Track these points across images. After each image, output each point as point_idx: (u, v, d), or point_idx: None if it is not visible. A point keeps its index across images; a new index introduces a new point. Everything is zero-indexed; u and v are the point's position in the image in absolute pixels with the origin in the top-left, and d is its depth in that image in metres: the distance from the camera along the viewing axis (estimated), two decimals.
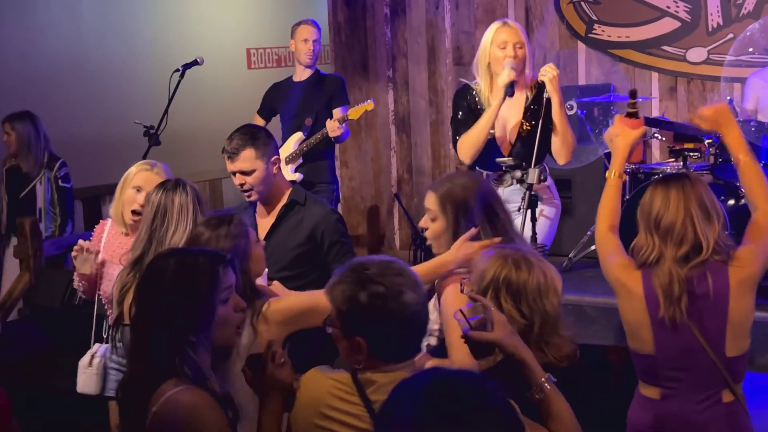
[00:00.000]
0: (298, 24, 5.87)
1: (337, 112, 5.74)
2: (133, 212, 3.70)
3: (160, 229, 3.07)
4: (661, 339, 2.76)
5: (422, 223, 3.07)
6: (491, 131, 4.33)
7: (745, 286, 2.78)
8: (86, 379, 3.76)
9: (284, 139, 5.83)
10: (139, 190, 3.69)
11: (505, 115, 4.33)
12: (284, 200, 3.80)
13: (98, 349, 3.79)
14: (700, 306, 2.72)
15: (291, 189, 3.84)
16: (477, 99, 4.37)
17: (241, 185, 3.72)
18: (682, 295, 2.71)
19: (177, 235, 3.05)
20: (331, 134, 5.55)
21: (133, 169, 3.76)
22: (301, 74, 5.87)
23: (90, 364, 3.77)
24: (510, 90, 4.21)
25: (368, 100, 5.60)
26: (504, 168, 4.29)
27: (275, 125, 5.96)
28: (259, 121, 5.92)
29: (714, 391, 2.73)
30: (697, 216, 2.76)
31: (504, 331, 2.27)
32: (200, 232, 2.83)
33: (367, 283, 2.23)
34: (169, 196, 3.09)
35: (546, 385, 2.28)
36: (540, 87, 4.26)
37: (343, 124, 5.56)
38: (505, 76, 4.21)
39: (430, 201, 3.03)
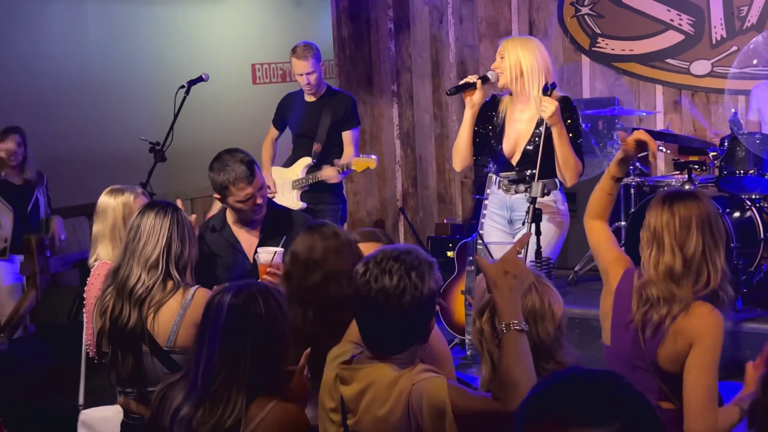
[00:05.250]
0: (291, 53, 5.67)
1: (347, 137, 5.64)
2: None
3: (132, 243, 3.19)
4: (616, 334, 2.77)
5: None
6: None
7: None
8: None
9: (293, 153, 5.79)
10: None
11: (515, 128, 4.40)
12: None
13: None
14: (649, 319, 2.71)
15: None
16: (497, 109, 4.45)
17: (257, 204, 3.80)
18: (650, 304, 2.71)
19: (147, 248, 3.17)
20: (329, 181, 5.55)
21: (128, 200, 3.69)
22: (311, 96, 5.78)
23: None
24: (452, 90, 4.40)
25: (372, 157, 5.51)
26: (509, 181, 4.38)
27: (287, 136, 5.95)
28: (273, 132, 5.90)
29: (652, 396, 2.67)
30: (709, 245, 2.70)
31: (497, 268, 2.29)
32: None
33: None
34: (144, 215, 3.24)
35: (505, 329, 2.23)
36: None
37: (343, 173, 5.55)
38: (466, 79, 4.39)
39: None
